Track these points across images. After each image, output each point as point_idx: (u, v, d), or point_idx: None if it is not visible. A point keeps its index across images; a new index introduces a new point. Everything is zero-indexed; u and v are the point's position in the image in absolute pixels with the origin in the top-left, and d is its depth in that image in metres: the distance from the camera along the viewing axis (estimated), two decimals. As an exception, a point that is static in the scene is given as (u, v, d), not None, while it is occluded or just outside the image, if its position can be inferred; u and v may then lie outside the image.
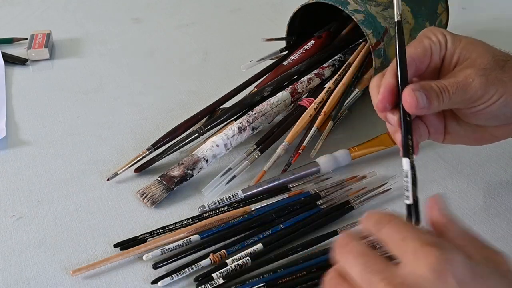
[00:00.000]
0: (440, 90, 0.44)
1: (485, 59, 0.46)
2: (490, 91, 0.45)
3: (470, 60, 0.47)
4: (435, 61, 0.48)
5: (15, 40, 0.89)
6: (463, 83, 0.45)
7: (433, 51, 0.47)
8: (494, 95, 0.45)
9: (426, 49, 0.47)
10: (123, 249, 0.52)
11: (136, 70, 0.83)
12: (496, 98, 0.45)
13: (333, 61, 0.70)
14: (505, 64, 0.47)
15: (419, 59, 0.47)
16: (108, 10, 1.01)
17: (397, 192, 0.57)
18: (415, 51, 0.47)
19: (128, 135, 0.68)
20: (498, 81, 0.45)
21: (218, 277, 0.48)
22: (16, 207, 0.58)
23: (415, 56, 0.47)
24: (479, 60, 0.46)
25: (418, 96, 0.43)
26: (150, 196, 0.57)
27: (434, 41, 0.48)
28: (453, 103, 0.45)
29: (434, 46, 0.47)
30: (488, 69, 0.46)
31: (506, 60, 0.47)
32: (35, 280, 0.50)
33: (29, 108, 0.74)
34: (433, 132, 0.49)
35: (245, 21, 0.96)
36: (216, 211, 0.55)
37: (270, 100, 0.65)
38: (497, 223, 0.54)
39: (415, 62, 0.46)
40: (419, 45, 0.47)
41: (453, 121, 0.50)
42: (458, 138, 0.50)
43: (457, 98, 0.45)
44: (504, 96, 0.45)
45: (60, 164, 0.64)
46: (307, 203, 0.56)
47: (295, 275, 0.48)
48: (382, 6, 0.68)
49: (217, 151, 0.60)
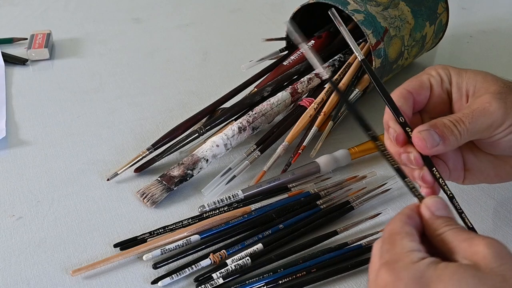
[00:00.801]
0: (453, 123, 0.43)
1: (498, 86, 0.45)
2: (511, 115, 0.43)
3: (483, 88, 0.45)
4: (438, 94, 0.47)
5: (15, 40, 0.89)
6: (480, 109, 0.43)
7: (432, 83, 0.47)
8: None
9: (422, 82, 0.47)
10: (123, 249, 0.52)
11: (136, 70, 0.83)
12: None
13: (333, 61, 0.70)
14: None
15: (416, 91, 0.46)
16: (108, 10, 1.01)
17: (397, 192, 0.57)
18: (410, 83, 0.47)
19: (128, 135, 0.68)
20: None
21: (218, 277, 0.48)
22: (16, 207, 0.58)
23: (410, 88, 0.46)
24: (493, 87, 0.45)
25: (426, 135, 0.43)
26: (150, 196, 0.57)
27: (433, 75, 0.47)
28: (473, 133, 0.43)
29: (433, 79, 0.47)
30: (503, 93, 0.44)
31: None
32: (35, 280, 0.50)
33: (29, 108, 0.74)
34: (453, 169, 0.47)
35: (245, 21, 0.96)
36: (216, 211, 0.55)
37: (270, 100, 0.65)
38: (497, 223, 0.54)
39: (412, 94, 0.46)
40: (416, 79, 0.47)
41: (470, 154, 0.48)
42: (478, 175, 0.48)
43: (476, 126, 0.43)
44: None
45: (60, 164, 0.64)
46: (307, 203, 0.56)
47: (295, 275, 0.48)
48: (382, 6, 0.68)
49: (217, 151, 0.60)
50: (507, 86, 0.45)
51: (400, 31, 0.68)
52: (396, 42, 0.68)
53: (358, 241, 0.51)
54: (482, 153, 0.47)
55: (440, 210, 0.38)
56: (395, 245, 0.36)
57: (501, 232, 0.53)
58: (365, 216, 0.55)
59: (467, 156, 0.48)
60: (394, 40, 0.67)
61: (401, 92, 0.46)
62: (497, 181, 0.50)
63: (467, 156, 0.48)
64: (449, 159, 0.47)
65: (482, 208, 0.56)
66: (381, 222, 0.54)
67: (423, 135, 0.43)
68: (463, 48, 0.87)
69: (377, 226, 0.54)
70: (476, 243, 0.35)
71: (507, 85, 0.45)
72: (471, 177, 0.48)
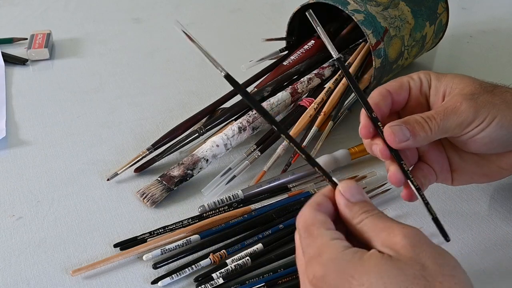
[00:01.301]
0: (425, 120, 0.45)
1: (473, 87, 0.47)
2: (482, 114, 0.45)
3: (458, 89, 0.47)
4: (416, 96, 0.49)
5: (15, 40, 0.89)
6: (451, 108, 0.45)
7: (411, 86, 0.49)
8: (487, 117, 0.45)
9: (402, 83, 0.49)
10: (123, 249, 0.52)
11: (136, 70, 0.83)
12: (490, 120, 0.45)
13: (333, 61, 0.70)
14: (494, 90, 0.47)
15: (395, 91, 0.48)
16: (108, 10, 1.01)
17: (397, 192, 0.57)
18: (391, 84, 0.49)
19: (128, 135, 0.68)
20: (489, 103, 0.46)
21: (218, 277, 0.48)
22: (16, 207, 0.58)
23: (390, 88, 0.48)
24: (467, 88, 0.47)
25: (396, 130, 0.45)
26: (150, 196, 0.57)
27: (414, 78, 0.49)
28: (444, 130, 0.45)
29: (413, 82, 0.49)
30: (476, 94, 0.46)
31: (494, 86, 0.48)
32: (35, 280, 0.50)
33: (29, 108, 0.74)
34: (439, 171, 0.49)
35: (245, 21, 0.97)
36: (216, 211, 0.55)
37: (270, 100, 0.65)
38: (497, 223, 0.54)
39: (391, 94, 0.48)
40: (396, 80, 0.50)
41: (455, 155, 0.50)
42: (465, 175, 0.50)
43: (447, 124, 0.45)
44: (498, 118, 0.45)
45: (60, 164, 0.64)
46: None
47: (295, 275, 0.48)
48: (382, 6, 0.68)
49: (217, 151, 0.60)
50: (483, 87, 0.47)
51: (400, 31, 0.68)
52: (396, 42, 0.68)
53: (358, 241, 0.51)
54: (466, 154, 0.49)
55: (355, 196, 0.39)
56: (314, 237, 0.37)
57: (501, 232, 0.53)
58: (365, 216, 0.55)
59: (452, 157, 0.50)
60: (394, 40, 0.67)
61: (380, 91, 0.48)
62: (485, 180, 0.51)
63: (452, 158, 0.50)
64: (434, 162, 0.49)
65: (482, 208, 0.56)
66: (381, 222, 0.54)
67: (393, 129, 0.45)
68: (463, 48, 0.86)
69: (377, 226, 0.54)
70: (395, 233, 0.36)
71: (483, 87, 0.47)
72: (458, 178, 0.50)
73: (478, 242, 0.52)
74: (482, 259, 0.50)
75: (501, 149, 0.48)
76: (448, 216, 0.55)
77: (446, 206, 0.56)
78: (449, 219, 0.54)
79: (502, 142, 0.47)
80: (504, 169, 0.50)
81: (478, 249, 0.51)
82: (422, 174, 0.48)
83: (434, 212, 0.46)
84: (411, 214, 0.55)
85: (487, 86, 0.47)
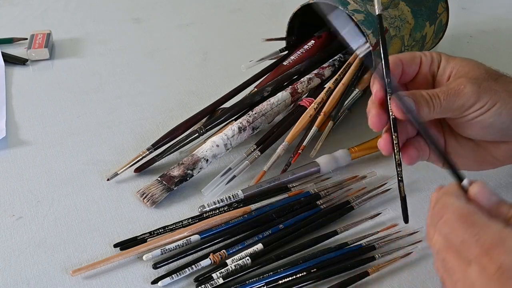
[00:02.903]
0: (430, 97, 0.47)
1: (478, 72, 0.48)
2: (483, 98, 0.46)
3: (464, 72, 0.48)
4: (424, 73, 0.50)
5: (15, 40, 0.89)
6: (455, 89, 0.47)
7: (422, 61, 0.50)
8: (488, 102, 0.46)
9: (415, 56, 0.50)
10: (123, 249, 0.52)
11: (136, 70, 0.83)
12: (490, 106, 0.46)
13: (333, 61, 0.70)
14: (498, 78, 0.48)
15: (406, 62, 0.50)
16: (108, 10, 1.01)
17: (397, 192, 0.57)
18: (404, 55, 0.50)
19: (128, 135, 0.68)
20: (491, 90, 0.47)
21: (218, 277, 0.48)
22: (16, 207, 0.58)
23: (402, 58, 0.50)
24: (472, 72, 0.48)
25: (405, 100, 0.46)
26: (150, 196, 0.57)
27: (426, 55, 0.51)
28: (446, 110, 0.47)
29: (425, 58, 0.50)
30: (480, 79, 0.47)
31: (499, 75, 0.49)
32: (35, 280, 0.50)
33: (29, 108, 0.74)
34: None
35: (245, 21, 0.96)
36: (216, 211, 0.55)
37: (270, 100, 0.65)
38: (497, 223, 0.54)
39: (402, 63, 0.49)
40: (410, 53, 0.51)
41: (452, 139, 0.51)
42: (459, 160, 0.50)
43: (449, 104, 0.46)
44: (498, 105, 0.47)
45: (60, 164, 0.64)
46: (307, 203, 0.56)
47: (295, 275, 0.48)
48: (382, 6, 0.68)
49: (217, 151, 0.60)
50: (488, 73, 0.48)
51: (400, 31, 0.68)
52: (396, 42, 0.68)
53: (358, 241, 0.51)
54: (463, 139, 0.51)
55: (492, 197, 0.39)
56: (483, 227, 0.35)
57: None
58: (365, 216, 0.55)
59: (449, 140, 0.51)
60: (394, 40, 0.67)
61: (394, 59, 0.49)
62: (476, 168, 0.53)
63: (449, 141, 0.51)
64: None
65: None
66: (381, 222, 0.54)
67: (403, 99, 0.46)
68: (463, 48, 0.86)
69: (377, 226, 0.54)
70: None
71: (489, 73, 0.48)
72: None
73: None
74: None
75: (498, 137, 0.49)
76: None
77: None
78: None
79: (500, 129, 0.48)
80: (497, 160, 0.51)
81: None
82: (418, 146, 0.49)
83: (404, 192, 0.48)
84: (411, 214, 0.55)
85: (492, 73, 0.48)
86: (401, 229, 0.53)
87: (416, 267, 0.50)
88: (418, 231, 0.52)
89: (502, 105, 0.47)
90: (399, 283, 0.49)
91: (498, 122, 0.47)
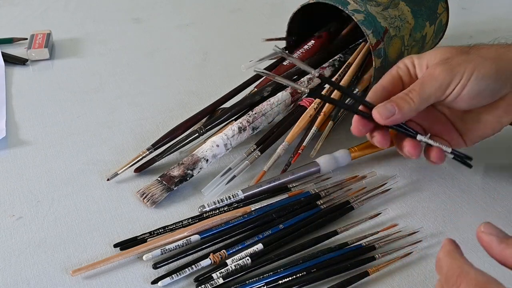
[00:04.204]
0: (406, 94, 0.49)
1: (449, 53, 0.50)
2: (458, 73, 0.48)
3: (436, 60, 0.51)
4: (409, 81, 0.52)
5: (15, 40, 0.89)
6: (427, 75, 0.49)
7: (401, 74, 0.53)
8: (464, 74, 0.48)
9: (393, 76, 0.53)
10: (123, 249, 0.52)
11: (136, 70, 0.83)
12: (468, 76, 0.48)
13: (333, 61, 0.70)
14: (470, 50, 0.51)
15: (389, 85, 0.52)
16: (108, 10, 1.01)
17: (397, 192, 0.58)
18: (384, 79, 0.53)
19: (128, 135, 0.68)
20: (464, 61, 0.49)
21: (218, 277, 0.48)
22: (16, 207, 0.58)
23: (384, 83, 0.53)
24: (442, 56, 0.50)
25: (380, 109, 0.49)
26: (150, 196, 0.57)
27: (400, 67, 0.53)
28: (426, 97, 0.49)
29: (401, 71, 0.53)
30: (450, 58, 0.50)
31: (470, 48, 0.51)
32: (35, 280, 0.50)
33: (29, 108, 0.74)
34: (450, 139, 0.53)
35: (245, 21, 0.96)
36: (216, 211, 0.55)
37: (270, 100, 0.65)
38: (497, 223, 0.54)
39: (385, 89, 0.52)
40: (388, 74, 0.54)
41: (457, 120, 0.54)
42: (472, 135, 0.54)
43: (427, 91, 0.49)
44: (476, 72, 0.48)
45: (60, 164, 0.64)
46: (307, 203, 0.56)
47: (295, 275, 0.48)
48: (382, 6, 0.68)
49: (217, 151, 0.60)
50: (458, 51, 0.51)
51: (400, 31, 0.68)
52: (396, 42, 0.68)
53: (358, 241, 0.51)
54: (465, 115, 0.53)
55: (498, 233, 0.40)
56: None
57: (501, 232, 0.53)
58: (365, 216, 0.55)
59: (456, 123, 0.54)
60: (394, 40, 0.67)
61: (375, 88, 0.53)
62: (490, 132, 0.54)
63: (456, 123, 0.54)
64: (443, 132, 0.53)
65: (482, 208, 0.56)
66: (381, 222, 0.54)
67: (378, 109, 0.50)
68: (463, 48, 0.86)
69: (377, 226, 0.54)
70: None
71: (459, 50, 0.51)
72: (469, 138, 0.54)
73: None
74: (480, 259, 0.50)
75: (490, 98, 0.51)
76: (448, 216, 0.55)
77: (447, 206, 0.56)
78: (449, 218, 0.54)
79: (488, 91, 0.50)
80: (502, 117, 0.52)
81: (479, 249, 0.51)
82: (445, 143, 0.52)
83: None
84: (411, 214, 0.55)
85: (463, 49, 0.51)
86: (401, 229, 0.53)
87: (416, 267, 0.50)
88: (418, 231, 0.53)
89: (479, 70, 0.48)
90: (399, 283, 0.49)
91: (483, 86, 0.49)
